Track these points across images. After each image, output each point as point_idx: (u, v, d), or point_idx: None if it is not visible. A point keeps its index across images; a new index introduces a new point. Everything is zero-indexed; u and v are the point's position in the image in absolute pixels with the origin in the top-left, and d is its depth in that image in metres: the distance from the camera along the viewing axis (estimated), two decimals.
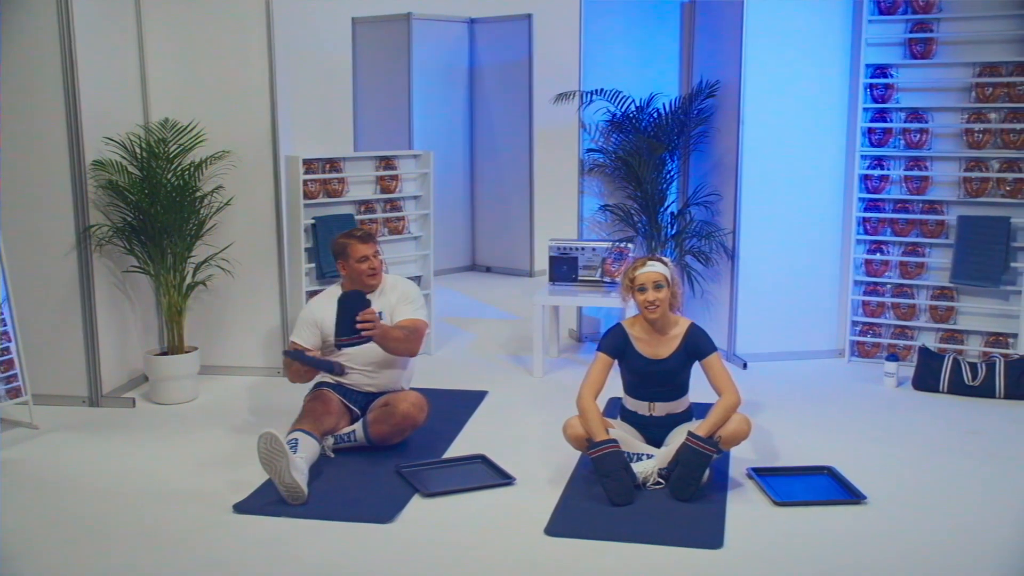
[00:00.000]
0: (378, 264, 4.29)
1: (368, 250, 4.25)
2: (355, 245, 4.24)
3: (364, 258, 4.23)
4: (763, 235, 5.52)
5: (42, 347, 4.79)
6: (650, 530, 3.38)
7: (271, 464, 3.57)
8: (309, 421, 4.00)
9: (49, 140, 4.71)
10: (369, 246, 4.26)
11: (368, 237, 4.30)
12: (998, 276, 5.15)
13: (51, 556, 3.28)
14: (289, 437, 3.84)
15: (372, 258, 4.25)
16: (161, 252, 4.89)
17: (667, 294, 3.81)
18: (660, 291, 3.79)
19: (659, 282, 3.79)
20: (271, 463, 3.57)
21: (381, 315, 4.23)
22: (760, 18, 5.32)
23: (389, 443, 4.12)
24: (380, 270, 4.31)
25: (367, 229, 4.38)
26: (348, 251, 4.25)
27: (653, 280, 3.80)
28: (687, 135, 5.73)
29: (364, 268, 4.23)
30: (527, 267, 8.32)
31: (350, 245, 4.25)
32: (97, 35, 4.82)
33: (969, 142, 5.27)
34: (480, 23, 8.27)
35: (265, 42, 5.09)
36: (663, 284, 3.80)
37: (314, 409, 4.09)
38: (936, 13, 5.25)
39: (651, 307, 3.79)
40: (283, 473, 3.56)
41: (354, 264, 4.24)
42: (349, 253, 4.24)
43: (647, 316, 3.83)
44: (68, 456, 4.22)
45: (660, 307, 3.80)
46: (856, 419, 4.63)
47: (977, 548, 3.30)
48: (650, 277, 3.80)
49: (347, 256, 4.25)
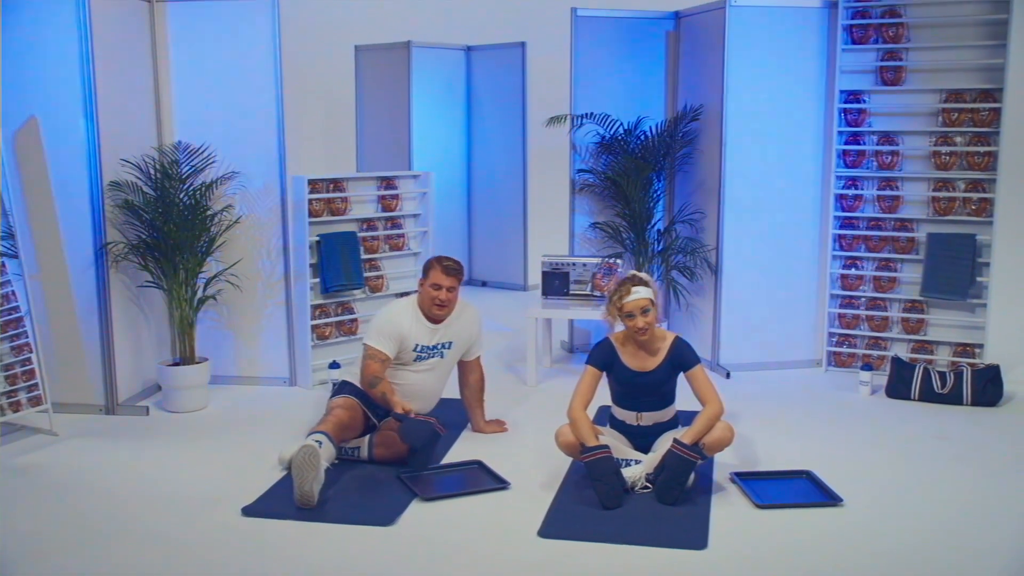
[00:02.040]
0: (447, 299, 4.16)
1: (446, 282, 4.15)
2: (437, 272, 4.16)
3: (438, 287, 4.14)
4: (745, 251, 5.54)
5: (62, 358, 4.80)
6: (638, 532, 3.39)
7: (302, 472, 3.54)
8: (335, 427, 3.90)
9: (69, 162, 4.72)
10: (449, 278, 4.15)
11: (452, 270, 4.17)
12: (965, 290, 5.18)
13: (68, 556, 3.27)
14: (316, 435, 3.79)
15: (446, 291, 4.14)
16: (174, 268, 4.89)
17: (654, 316, 3.81)
18: (647, 315, 3.80)
19: (646, 308, 3.79)
20: (302, 472, 3.54)
21: (450, 344, 4.27)
22: (741, 46, 5.35)
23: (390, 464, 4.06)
24: (449, 305, 4.19)
25: (458, 264, 4.22)
26: (430, 273, 4.19)
27: (640, 307, 3.78)
28: (672, 157, 5.75)
29: (434, 295, 4.15)
30: (521, 281, 8.32)
31: (433, 269, 4.18)
32: (115, 64, 4.84)
33: (937, 164, 5.30)
34: (476, 50, 8.30)
35: (273, 69, 5.10)
36: (649, 308, 3.80)
37: (341, 419, 3.97)
38: (905, 43, 5.30)
39: (641, 332, 3.81)
40: (305, 482, 3.54)
41: (428, 288, 4.17)
42: (430, 275, 4.18)
43: (637, 339, 3.84)
44: (85, 461, 4.21)
45: (649, 330, 3.81)
46: (833, 425, 4.64)
47: (947, 546, 3.31)
48: (638, 304, 3.78)
49: (427, 276, 4.19)
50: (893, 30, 5.31)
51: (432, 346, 4.26)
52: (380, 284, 5.60)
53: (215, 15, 5.12)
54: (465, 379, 4.51)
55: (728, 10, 5.30)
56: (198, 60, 5.16)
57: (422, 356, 4.25)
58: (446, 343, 4.29)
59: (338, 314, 5.44)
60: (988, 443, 4.38)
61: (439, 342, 4.27)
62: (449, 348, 4.31)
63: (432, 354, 4.27)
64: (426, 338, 4.23)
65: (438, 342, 4.27)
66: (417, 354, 4.23)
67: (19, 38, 4.64)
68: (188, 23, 5.14)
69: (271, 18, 5.08)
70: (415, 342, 4.20)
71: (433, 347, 4.26)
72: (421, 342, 4.22)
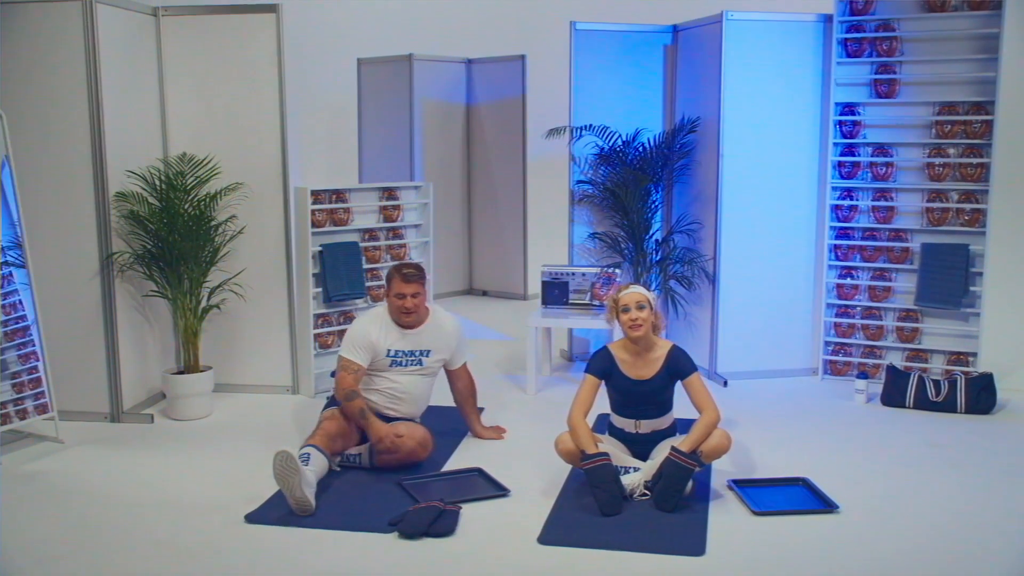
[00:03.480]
0: (413, 305, 4.13)
1: (407, 289, 4.12)
2: (396, 281, 4.14)
3: (401, 295, 4.13)
4: (742, 261, 5.55)
5: (68, 366, 4.79)
6: (637, 539, 3.39)
7: (284, 479, 3.56)
8: (323, 439, 3.94)
9: (75, 173, 4.74)
10: (410, 285, 4.12)
11: (411, 277, 4.14)
12: (959, 299, 5.19)
13: (73, 563, 3.27)
14: (303, 451, 3.84)
15: (409, 298, 4.11)
16: (178, 277, 4.90)
17: (649, 314, 3.83)
18: (643, 311, 3.81)
19: (641, 302, 3.82)
20: (285, 479, 3.56)
21: (429, 353, 4.23)
22: (737, 59, 5.38)
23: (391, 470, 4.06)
24: (416, 311, 4.17)
25: (416, 269, 4.19)
26: (391, 284, 4.18)
27: (636, 300, 3.82)
28: (670, 168, 5.77)
29: (398, 304, 4.14)
30: (521, 291, 8.32)
31: (393, 279, 4.16)
32: (121, 77, 4.86)
33: (930, 175, 5.32)
34: (477, 63, 8.33)
35: (276, 82, 5.13)
36: (645, 305, 3.82)
37: (329, 430, 4.00)
38: (899, 56, 5.32)
39: (635, 325, 3.81)
40: (295, 488, 3.55)
41: (392, 298, 4.16)
42: (391, 286, 4.17)
43: (631, 335, 3.84)
44: (90, 469, 4.21)
45: (643, 326, 3.82)
46: (829, 433, 4.65)
47: (943, 553, 3.31)
48: (633, 298, 3.83)
49: (390, 288, 4.19)
50: (887, 44, 5.34)
51: (409, 351, 4.24)
52: (381, 293, 5.60)
53: (220, 28, 5.14)
54: (454, 386, 4.54)
55: (725, 24, 5.33)
56: (203, 73, 5.18)
57: (398, 361, 4.23)
58: (424, 351, 4.27)
59: (340, 323, 5.45)
60: (982, 450, 4.38)
61: (416, 348, 4.25)
62: (428, 356, 4.28)
63: (410, 360, 4.25)
64: (399, 343, 4.21)
65: (415, 348, 4.25)
66: (392, 359, 4.22)
67: (26, 50, 4.67)
68: (193, 36, 5.15)
69: (275, 31, 5.10)
70: (387, 347, 4.19)
71: (410, 352, 4.24)
72: (394, 347, 4.20)
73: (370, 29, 8.38)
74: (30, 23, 4.66)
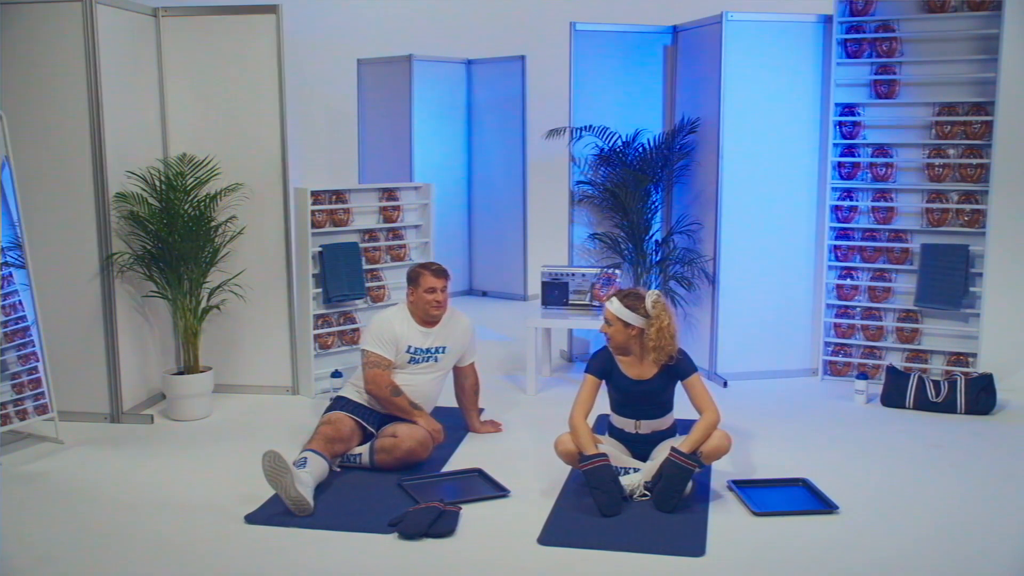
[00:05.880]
0: (443, 299, 4.30)
1: (438, 283, 4.28)
2: (427, 276, 4.28)
3: (432, 290, 4.26)
4: (742, 261, 5.55)
5: (67, 367, 4.79)
6: (637, 539, 3.39)
7: (276, 480, 3.56)
8: (321, 443, 3.96)
9: (75, 174, 4.74)
10: (440, 280, 4.28)
11: (442, 272, 4.33)
12: (958, 300, 5.19)
13: (74, 563, 3.27)
14: (300, 457, 3.84)
15: (440, 292, 4.28)
16: (178, 278, 4.90)
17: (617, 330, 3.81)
18: (609, 327, 3.84)
19: (609, 319, 3.85)
20: (276, 479, 3.56)
21: (444, 349, 4.34)
22: (737, 60, 5.38)
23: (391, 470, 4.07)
24: (445, 305, 4.33)
25: (443, 265, 4.41)
26: (420, 280, 4.28)
27: (606, 315, 3.86)
28: (670, 168, 5.77)
29: (430, 299, 4.26)
30: (521, 292, 8.32)
31: (423, 275, 4.28)
32: (121, 77, 4.86)
33: (930, 176, 5.32)
34: (477, 64, 8.33)
35: (276, 82, 5.12)
36: (612, 321, 3.83)
37: (326, 433, 4.02)
38: (899, 57, 5.32)
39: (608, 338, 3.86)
40: (288, 488, 3.56)
41: (422, 293, 4.27)
42: (420, 282, 4.28)
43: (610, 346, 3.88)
44: (90, 469, 4.21)
45: (612, 339, 3.84)
46: (829, 434, 4.64)
47: (942, 553, 3.31)
48: (606, 312, 3.86)
49: (418, 284, 4.29)
50: (887, 44, 5.34)
51: (426, 349, 4.33)
52: (382, 294, 5.61)
53: (220, 29, 5.14)
54: (460, 384, 4.61)
55: (725, 24, 5.33)
56: (203, 73, 5.18)
57: (416, 359, 4.32)
58: (440, 347, 4.37)
59: (340, 323, 5.45)
60: (982, 451, 4.38)
61: (433, 346, 4.34)
62: (443, 352, 4.39)
63: (427, 358, 4.34)
64: (419, 340, 4.31)
65: (432, 345, 4.34)
66: (411, 356, 4.30)
67: (26, 51, 4.66)
68: (193, 37, 5.15)
69: (275, 32, 5.10)
70: (408, 344, 4.29)
71: (427, 350, 4.33)
72: (414, 344, 4.30)
73: (370, 29, 8.36)
74: (30, 23, 4.66)
